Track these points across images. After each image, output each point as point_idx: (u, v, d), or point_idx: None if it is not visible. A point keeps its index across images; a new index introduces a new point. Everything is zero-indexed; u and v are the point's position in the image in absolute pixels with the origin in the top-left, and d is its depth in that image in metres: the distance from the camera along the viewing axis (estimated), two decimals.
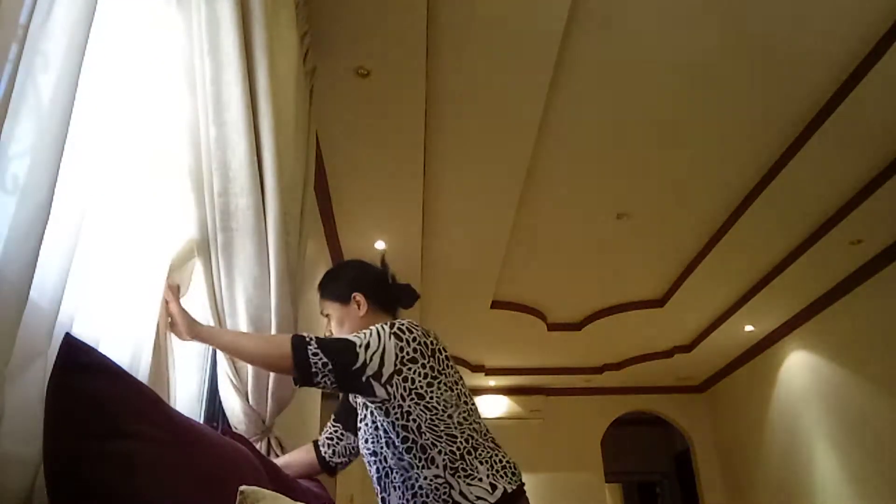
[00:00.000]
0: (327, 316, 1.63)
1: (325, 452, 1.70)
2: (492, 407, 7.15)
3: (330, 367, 1.30)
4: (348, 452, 1.70)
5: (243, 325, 1.59)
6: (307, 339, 1.32)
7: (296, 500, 1.02)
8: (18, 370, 0.83)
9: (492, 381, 7.02)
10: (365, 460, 1.51)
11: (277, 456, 1.74)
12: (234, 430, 1.67)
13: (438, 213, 4.01)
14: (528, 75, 2.90)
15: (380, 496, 1.47)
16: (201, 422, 1.86)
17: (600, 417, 7.28)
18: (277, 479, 1.41)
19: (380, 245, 4.21)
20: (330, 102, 2.95)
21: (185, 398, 1.81)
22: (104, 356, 0.95)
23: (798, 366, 5.46)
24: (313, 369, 1.30)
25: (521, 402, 7.19)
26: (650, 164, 3.67)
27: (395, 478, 1.40)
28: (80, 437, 0.80)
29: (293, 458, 1.70)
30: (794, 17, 2.71)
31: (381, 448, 1.42)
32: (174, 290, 1.38)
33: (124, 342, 1.13)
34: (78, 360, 0.85)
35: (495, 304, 5.34)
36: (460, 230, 4.21)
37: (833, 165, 3.53)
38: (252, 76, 1.59)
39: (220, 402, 1.90)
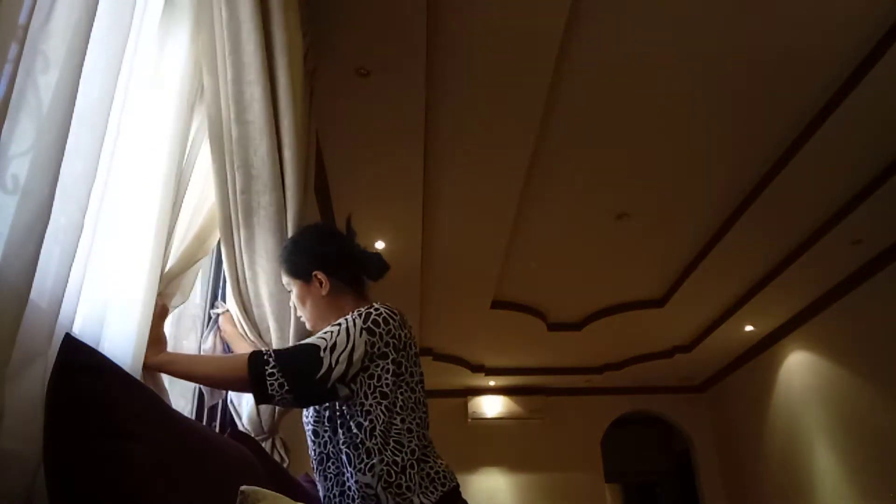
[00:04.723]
0: (289, 290, 1.55)
1: None
2: (492, 407, 7.15)
3: (287, 388, 1.25)
4: None
5: (269, 317, 1.63)
6: (265, 358, 1.26)
7: (296, 499, 1.02)
8: (19, 370, 0.83)
9: (492, 381, 7.02)
10: (307, 435, 1.46)
11: (281, 457, 1.74)
12: (240, 430, 1.67)
13: (438, 213, 4.01)
14: (528, 75, 2.90)
15: (313, 473, 1.43)
16: (202, 422, 1.86)
17: (600, 417, 7.27)
18: (278, 480, 1.41)
19: (380, 245, 4.21)
20: (330, 102, 2.95)
21: (186, 398, 1.81)
22: (104, 356, 0.95)
23: (798, 366, 5.45)
24: (269, 391, 1.25)
25: (521, 402, 7.18)
26: (650, 164, 3.66)
27: (329, 466, 1.37)
28: (80, 437, 0.80)
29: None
30: (795, 17, 2.71)
31: (325, 431, 1.38)
32: (159, 308, 1.32)
33: (124, 342, 1.13)
34: (78, 361, 0.85)
35: (495, 304, 5.34)
36: (460, 230, 4.21)
37: (833, 165, 3.53)
38: (273, 76, 1.61)
39: (222, 402, 1.90)
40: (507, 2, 2.54)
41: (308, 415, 1.44)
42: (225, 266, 1.59)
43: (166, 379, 1.37)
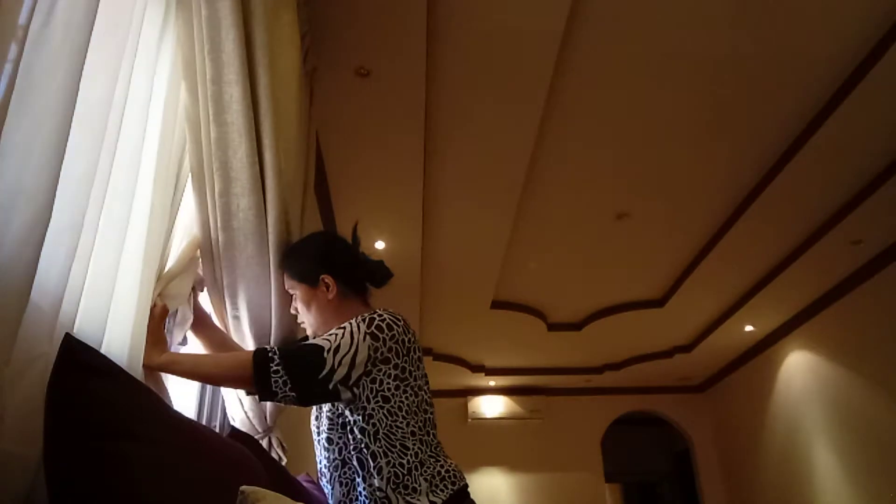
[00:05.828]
0: (293, 294, 1.55)
1: None
2: (492, 407, 7.15)
3: (290, 385, 1.27)
4: None
5: (246, 322, 1.60)
6: (269, 355, 1.28)
7: (296, 499, 1.02)
8: (19, 370, 0.83)
9: (492, 381, 7.02)
10: (317, 444, 1.46)
11: (279, 455, 1.74)
12: (240, 429, 1.67)
13: (438, 213, 4.01)
14: (529, 75, 2.89)
15: (324, 480, 1.44)
16: (202, 422, 1.86)
17: (600, 417, 7.27)
18: (278, 480, 1.41)
19: (380, 245, 4.21)
20: (330, 102, 2.95)
21: (186, 398, 1.81)
22: (104, 356, 0.95)
23: (798, 366, 5.45)
24: (273, 388, 1.27)
25: (521, 402, 7.18)
26: (650, 164, 3.66)
27: (345, 472, 1.39)
28: (80, 438, 0.80)
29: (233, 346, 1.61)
30: (795, 17, 2.71)
31: (340, 438, 1.40)
32: (160, 309, 1.32)
33: (124, 342, 1.13)
34: (78, 361, 0.85)
35: (495, 304, 5.34)
36: (460, 230, 4.21)
37: (833, 165, 3.53)
38: (253, 76, 1.58)
39: (221, 402, 1.90)
40: (507, 2, 2.54)
41: (321, 422, 1.45)
42: (203, 270, 1.55)
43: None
